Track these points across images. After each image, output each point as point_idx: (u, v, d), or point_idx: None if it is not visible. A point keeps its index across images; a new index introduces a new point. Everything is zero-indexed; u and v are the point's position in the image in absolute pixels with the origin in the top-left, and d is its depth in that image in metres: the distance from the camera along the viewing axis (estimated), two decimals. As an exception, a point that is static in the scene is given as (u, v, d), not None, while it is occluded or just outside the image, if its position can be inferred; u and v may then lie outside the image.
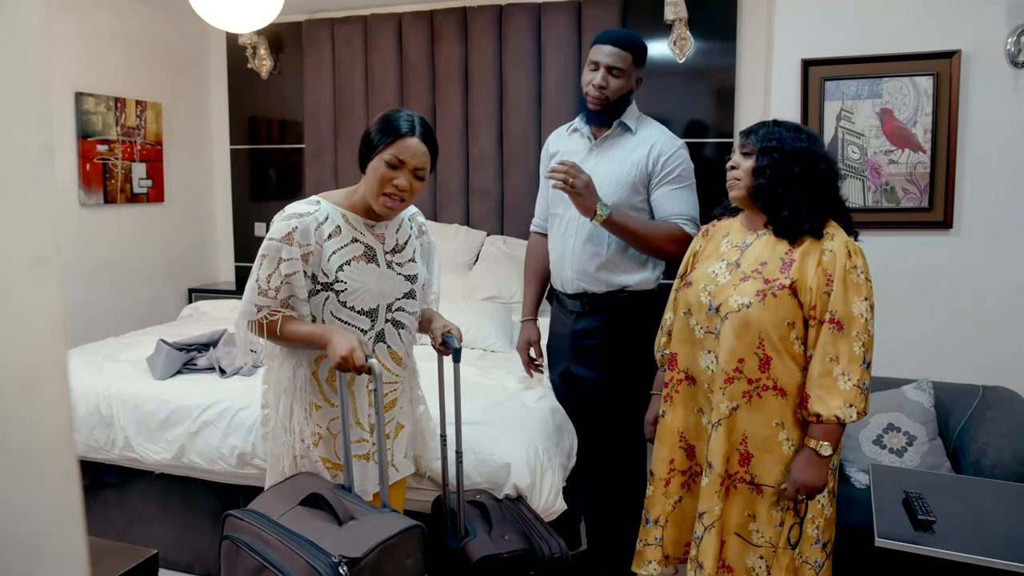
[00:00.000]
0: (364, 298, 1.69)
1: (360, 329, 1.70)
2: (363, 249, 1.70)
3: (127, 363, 2.75)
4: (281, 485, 1.68)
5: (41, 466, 0.58)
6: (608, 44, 2.16)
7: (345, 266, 1.67)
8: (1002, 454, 2.14)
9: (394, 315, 1.76)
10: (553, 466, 2.19)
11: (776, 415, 1.72)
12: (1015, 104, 2.56)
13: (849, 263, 1.66)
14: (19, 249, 0.55)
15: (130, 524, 2.57)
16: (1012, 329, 2.62)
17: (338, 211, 1.70)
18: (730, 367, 1.74)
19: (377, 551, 1.44)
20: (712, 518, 1.76)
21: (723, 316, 1.75)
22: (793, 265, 1.71)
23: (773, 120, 1.81)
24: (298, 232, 1.61)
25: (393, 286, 1.74)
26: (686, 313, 1.87)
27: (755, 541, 1.75)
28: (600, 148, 2.27)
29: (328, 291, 1.66)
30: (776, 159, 1.73)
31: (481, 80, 3.72)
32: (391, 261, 1.75)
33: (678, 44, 3.45)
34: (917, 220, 2.69)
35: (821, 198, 1.74)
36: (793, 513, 1.73)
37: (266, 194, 4.35)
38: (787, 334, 1.71)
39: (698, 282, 1.85)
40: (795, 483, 1.68)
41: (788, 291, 1.69)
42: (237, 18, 2.66)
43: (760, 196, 1.77)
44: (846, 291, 1.65)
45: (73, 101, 3.52)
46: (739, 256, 1.81)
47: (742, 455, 1.75)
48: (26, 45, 0.55)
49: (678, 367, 1.89)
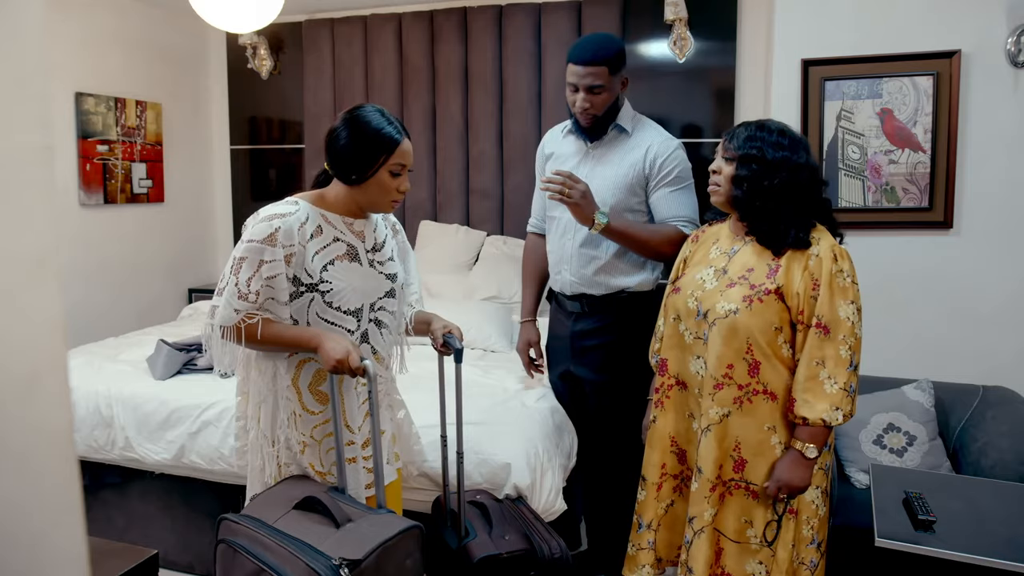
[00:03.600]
0: (349, 297, 1.66)
1: (347, 329, 1.68)
2: (345, 248, 1.68)
3: (127, 363, 2.75)
4: (272, 490, 1.67)
5: (41, 466, 0.58)
6: (579, 65, 2.11)
7: (329, 266, 1.64)
8: (1002, 454, 2.14)
9: (376, 314, 1.73)
10: (553, 466, 2.19)
11: (768, 419, 1.72)
12: (1015, 104, 2.56)
13: (835, 267, 1.66)
14: (19, 249, 0.55)
15: (130, 524, 2.57)
16: (1012, 329, 2.62)
17: (317, 211, 1.67)
18: (719, 373, 1.74)
19: (378, 552, 1.44)
20: (702, 523, 1.75)
21: (711, 322, 1.75)
22: (779, 270, 1.71)
23: (757, 123, 1.77)
24: (281, 233, 1.58)
25: (376, 285, 1.72)
26: (676, 319, 1.87)
27: (753, 546, 1.74)
28: (596, 151, 2.26)
29: (313, 292, 1.63)
30: (755, 170, 1.70)
31: (481, 80, 3.72)
32: (372, 259, 1.73)
33: (678, 44, 3.45)
34: (917, 220, 2.69)
35: (803, 207, 1.72)
36: (772, 511, 1.73)
37: (266, 194, 4.35)
38: (775, 338, 1.71)
39: (686, 288, 1.85)
40: (778, 482, 1.69)
41: (774, 295, 1.69)
42: (237, 18, 2.66)
43: (738, 206, 1.76)
44: (832, 295, 1.65)
45: (73, 101, 3.52)
46: (727, 263, 1.80)
47: (736, 461, 1.74)
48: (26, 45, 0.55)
49: (668, 372, 1.89)
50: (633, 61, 3.55)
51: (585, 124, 2.20)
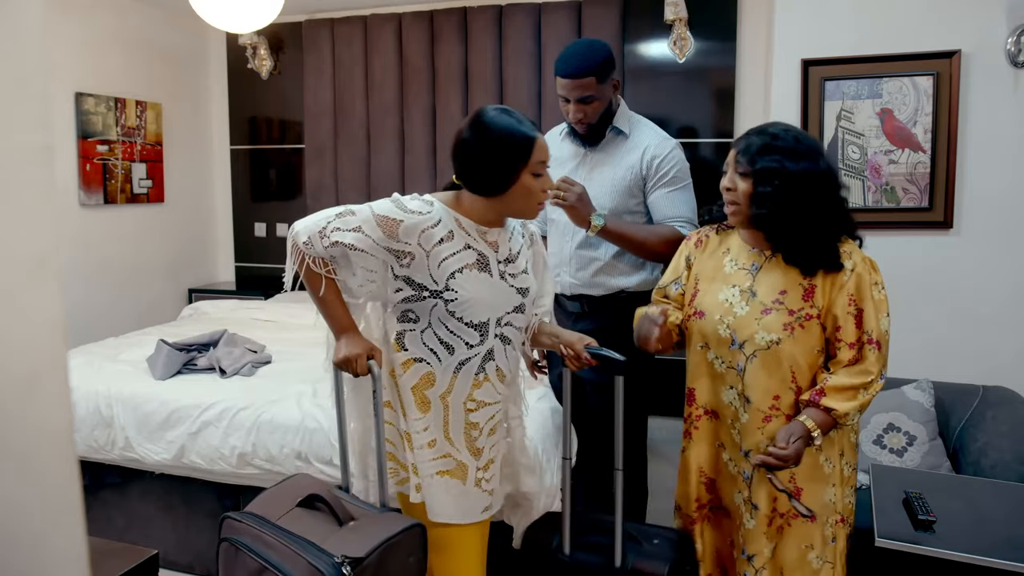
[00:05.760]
0: (476, 310, 1.54)
1: (467, 343, 1.56)
2: (476, 257, 1.55)
3: (127, 363, 2.75)
4: (277, 488, 1.67)
5: (41, 466, 0.58)
6: (566, 78, 2.10)
7: (457, 274, 1.52)
8: (1002, 454, 2.13)
9: (503, 330, 1.60)
10: (553, 466, 2.19)
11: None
12: (1015, 104, 2.56)
13: (870, 279, 1.63)
14: (19, 249, 0.55)
15: (130, 524, 2.57)
16: (1012, 329, 2.62)
17: (451, 215, 1.55)
18: (766, 405, 1.67)
19: (380, 550, 1.44)
20: (763, 560, 1.72)
21: (749, 354, 1.67)
22: (816, 291, 1.63)
23: (767, 131, 1.65)
24: (402, 228, 1.49)
25: (505, 298, 1.58)
26: (703, 347, 1.77)
27: (815, 567, 1.71)
28: (594, 153, 2.26)
29: (437, 299, 1.52)
30: (778, 186, 1.58)
31: (481, 80, 3.72)
32: (504, 272, 1.59)
33: (678, 44, 3.45)
34: (917, 220, 2.69)
35: (830, 218, 1.62)
36: (773, 487, 1.64)
37: (266, 194, 4.35)
38: (816, 361, 1.67)
39: (712, 312, 1.73)
40: (778, 454, 1.56)
41: (815, 320, 1.64)
42: (237, 18, 2.66)
43: (762, 226, 1.64)
44: (876, 311, 1.62)
45: (73, 101, 3.52)
46: (751, 283, 1.70)
47: (792, 491, 1.67)
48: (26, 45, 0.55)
49: (697, 403, 1.82)
50: (633, 61, 3.56)
51: (582, 132, 2.21)
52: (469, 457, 1.60)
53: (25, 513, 0.57)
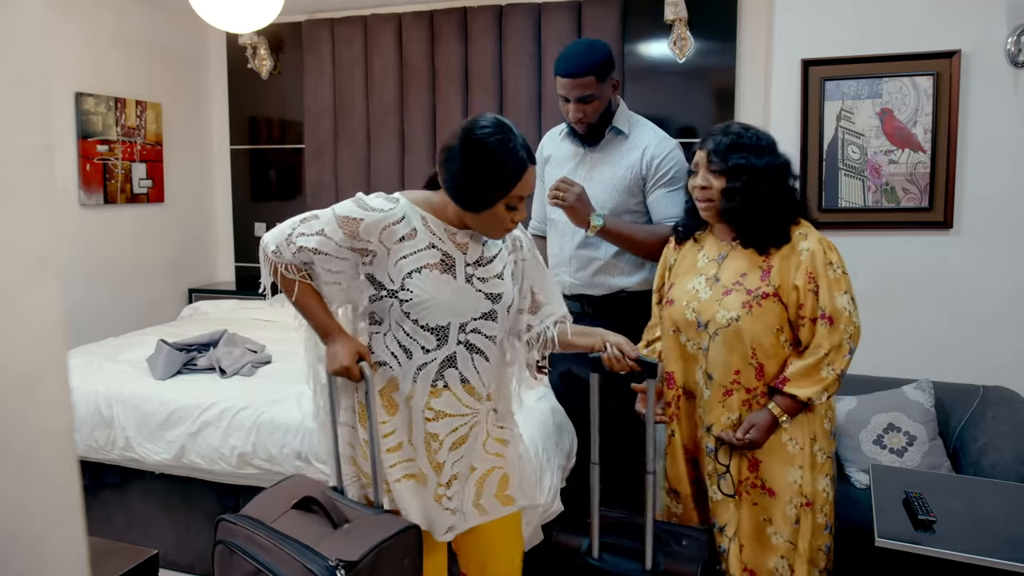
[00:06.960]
0: (432, 312, 1.50)
1: (423, 348, 1.52)
2: (439, 257, 1.52)
3: (127, 363, 2.75)
4: (273, 489, 1.66)
5: (41, 466, 0.58)
6: (566, 78, 2.11)
7: (415, 273, 1.49)
8: (1002, 454, 2.14)
9: (468, 336, 1.54)
10: (552, 466, 2.19)
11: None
12: (1015, 104, 2.56)
13: (825, 259, 1.72)
14: (19, 249, 0.55)
15: (130, 524, 2.57)
16: (1012, 329, 2.62)
17: (417, 212, 1.53)
18: (727, 380, 1.79)
19: (374, 553, 1.43)
20: (734, 528, 1.81)
21: (712, 332, 1.79)
22: (772, 271, 1.75)
23: (733, 131, 1.78)
24: (363, 226, 1.48)
25: (469, 303, 1.53)
26: (675, 331, 1.89)
27: (774, 543, 1.78)
28: (594, 153, 2.26)
29: (393, 298, 1.51)
30: (746, 180, 1.73)
31: (481, 80, 3.72)
32: (472, 275, 1.54)
33: (678, 44, 3.45)
34: (917, 220, 2.69)
35: (787, 205, 1.78)
36: (717, 463, 1.81)
37: (266, 194, 4.35)
38: (777, 339, 1.76)
39: (680, 300, 1.87)
40: (744, 438, 1.75)
41: (773, 298, 1.74)
42: (237, 18, 2.66)
43: (731, 218, 1.80)
44: (829, 288, 1.71)
45: (73, 101, 3.51)
46: (717, 270, 1.84)
47: (750, 461, 1.80)
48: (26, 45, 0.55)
49: (676, 384, 1.93)
50: (633, 61, 3.56)
51: (582, 132, 2.22)
52: (430, 470, 1.57)
53: (25, 513, 0.57)
